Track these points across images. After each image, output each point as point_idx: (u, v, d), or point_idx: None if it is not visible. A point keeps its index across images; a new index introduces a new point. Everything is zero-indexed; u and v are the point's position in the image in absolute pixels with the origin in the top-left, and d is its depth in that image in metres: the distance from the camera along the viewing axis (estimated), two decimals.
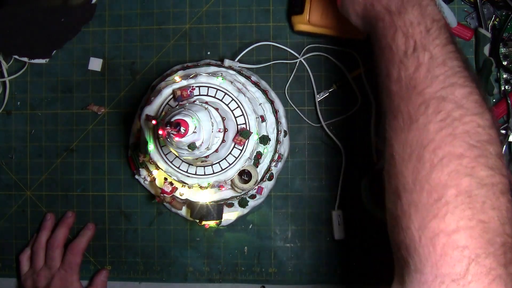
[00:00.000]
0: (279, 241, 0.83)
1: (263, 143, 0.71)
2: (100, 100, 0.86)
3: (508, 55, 0.80)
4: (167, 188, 0.71)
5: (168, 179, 0.71)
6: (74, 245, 0.81)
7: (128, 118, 0.84)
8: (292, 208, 0.83)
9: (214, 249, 0.84)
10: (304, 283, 0.83)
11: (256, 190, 0.77)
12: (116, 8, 0.85)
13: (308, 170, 0.83)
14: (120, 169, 0.85)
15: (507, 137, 0.79)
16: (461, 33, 0.80)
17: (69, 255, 0.81)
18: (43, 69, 0.86)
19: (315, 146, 0.83)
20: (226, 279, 0.84)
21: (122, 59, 0.85)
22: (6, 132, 0.86)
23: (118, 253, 0.85)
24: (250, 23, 0.84)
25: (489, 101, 0.81)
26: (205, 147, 0.60)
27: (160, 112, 0.68)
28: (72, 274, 0.80)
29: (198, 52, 0.84)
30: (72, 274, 0.80)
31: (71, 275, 0.80)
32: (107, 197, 0.85)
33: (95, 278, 0.83)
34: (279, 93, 0.82)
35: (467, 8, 0.82)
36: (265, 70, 0.83)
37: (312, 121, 0.83)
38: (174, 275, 0.84)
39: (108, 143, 0.85)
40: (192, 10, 0.85)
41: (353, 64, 0.82)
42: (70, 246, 0.82)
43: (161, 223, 0.84)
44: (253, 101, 0.72)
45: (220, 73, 0.73)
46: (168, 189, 0.71)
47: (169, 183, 0.72)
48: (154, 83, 0.81)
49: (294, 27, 0.80)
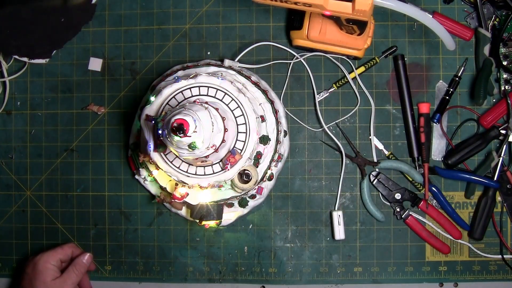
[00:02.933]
0: (279, 241, 0.83)
1: (263, 143, 0.71)
2: (100, 100, 0.86)
3: (508, 55, 0.80)
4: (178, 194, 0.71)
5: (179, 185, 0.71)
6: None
7: (128, 118, 0.84)
8: (292, 208, 0.83)
9: (214, 249, 0.84)
10: (304, 283, 0.83)
11: (256, 190, 0.77)
12: (116, 8, 0.85)
13: (308, 170, 0.83)
14: (120, 169, 0.85)
15: (507, 137, 0.79)
16: (461, 33, 0.80)
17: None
18: (43, 69, 0.86)
19: (315, 146, 0.83)
20: (226, 279, 0.84)
21: (122, 59, 0.85)
22: (6, 132, 0.86)
23: (118, 253, 0.85)
24: (250, 23, 0.84)
25: (489, 101, 0.82)
26: (205, 147, 0.60)
27: (160, 112, 0.68)
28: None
29: (198, 52, 0.84)
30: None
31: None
32: (107, 197, 0.85)
33: (77, 259, 0.80)
34: (279, 93, 0.83)
35: (467, 8, 0.82)
36: (265, 70, 0.83)
37: (312, 121, 0.83)
38: (174, 275, 0.84)
39: (108, 143, 0.85)
40: (192, 10, 0.85)
41: (353, 64, 0.82)
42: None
43: (161, 223, 0.84)
44: (253, 101, 0.72)
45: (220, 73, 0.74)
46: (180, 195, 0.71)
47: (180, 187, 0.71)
48: (154, 83, 0.81)
49: (293, 41, 0.81)
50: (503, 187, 0.80)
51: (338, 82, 0.82)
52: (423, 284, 0.82)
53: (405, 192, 0.81)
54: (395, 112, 0.83)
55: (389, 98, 0.83)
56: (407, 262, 0.82)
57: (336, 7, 0.59)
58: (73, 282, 0.77)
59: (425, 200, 0.81)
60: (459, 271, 0.82)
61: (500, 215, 0.81)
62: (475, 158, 0.81)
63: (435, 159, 0.82)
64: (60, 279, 0.77)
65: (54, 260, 0.78)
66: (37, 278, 0.76)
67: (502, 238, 0.81)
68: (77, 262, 0.79)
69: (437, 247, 0.81)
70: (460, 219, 0.81)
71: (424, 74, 0.82)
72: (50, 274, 0.77)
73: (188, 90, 0.68)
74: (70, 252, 0.81)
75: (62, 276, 0.77)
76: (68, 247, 0.81)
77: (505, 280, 0.82)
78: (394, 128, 0.83)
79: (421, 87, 0.82)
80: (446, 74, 0.82)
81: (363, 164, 0.82)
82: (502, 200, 0.81)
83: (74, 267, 0.78)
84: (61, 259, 0.79)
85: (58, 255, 0.79)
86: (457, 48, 0.82)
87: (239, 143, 0.68)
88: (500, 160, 0.79)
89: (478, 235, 0.80)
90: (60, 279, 0.77)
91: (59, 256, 0.79)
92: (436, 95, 0.82)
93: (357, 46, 0.77)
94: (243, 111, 0.68)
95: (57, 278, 0.77)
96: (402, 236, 0.82)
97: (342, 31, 0.75)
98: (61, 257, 0.79)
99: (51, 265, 0.77)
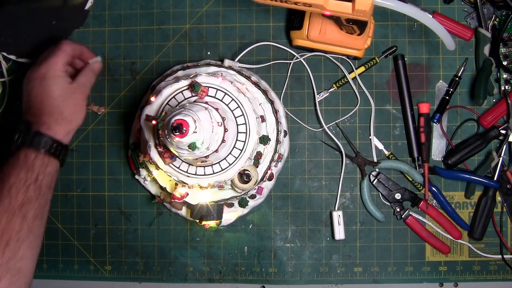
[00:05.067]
0: (279, 241, 0.83)
1: (263, 143, 0.71)
2: (100, 100, 0.85)
3: (508, 55, 0.80)
4: (178, 194, 0.71)
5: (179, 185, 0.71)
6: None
7: (128, 118, 0.84)
8: (292, 208, 0.83)
9: (214, 249, 0.84)
10: (304, 283, 0.83)
11: (256, 190, 0.77)
12: (116, 8, 0.85)
13: (308, 170, 0.83)
14: (120, 169, 0.85)
15: (507, 137, 0.79)
16: (461, 33, 0.80)
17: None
18: None
19: (315, 146, 0.83)
20: (226, 279, 0.84)
21: (122, 59, 0.85)
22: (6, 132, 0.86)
23: (118, 253, 0.85)
24: (250, 23, 0.84)
25: (489, 101, 0.82)
26: (205, 147, 0.61)
27: (160, 112, 0.68)
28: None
29: (198, 52, 0.84)
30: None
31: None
32: (107, 197, 0.85)
33: (88, 64, 0.73)
34: (279, 93, 0.83)
35: (467, 8, 0.82)
36: (265, 70, 0.83)
37: (312, 121, 0.83)
38: (174, 275, 0.84)
39: (108, 143, 0.85)
40: (192, 10, 0.85)
41: (353, 64, 0.82)
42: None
43: (161, 223, 0.84)
44: (253, 101, 0.72)
45: (220, 73, 0.73)
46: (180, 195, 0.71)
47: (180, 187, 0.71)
48: (154, 83, 0.81)
49: (293, 42, 0.81)
50: (503, 187, 0.80)
51: (338, 82, 0.82)
52: (423, 284, 0.82)
53: (405, 192, 0.81)
54: (395, 112, 0.83)
55: (389, 98, 0.83)
56: (407, 262, 0.82)
57: (336, 7, 0.59)
58: (89, 87, 0.71)
59: (425, 200, 0.81)
60: (459, 271, 0.82)
61: (500, 215, 0.81)
62: (475, 158, 0.81)
63: (435, 159, 0.82)
64: (77, 84, 0.69)
65: (61, 61, 0.69)
66: (54, 88, 0.67)
67: (502, 238, 0.81)
68: (90, 66, 0.73)
69: (437, 247, 0.81)
70: (460, 219, 0.81)
71: (424, 74, 0.82)
72: (64, 79, 0.68)
73: (188, 90, 0.68)
74: (70, 50, 0.72)
75: (78, 81, 0.69)
76: (66, 45, 0.71)
77: (505, 280, 0.82)
78: (394, 128, 0.83)
79: (421, 87, 0.82)
80: (446, 74, 0.82)
81: (363, 164, 0.82)
82: (502, 200, 0.81)
83: (88, 70, 0.71)
84: (67, 58, 0.71)
85: (62, 55, 0.70)
86: (457, 48, 0.82)
87: (239, 143, 0.68)
88: (500, 160, 0.79)
89: (478, 235, 0.80)
90: (77, 84, 0.69)
91: (64, 56, 0.70)
92: (436, 95, 0.82)
93: (357, 46, 0.77)
94: (243, 111, 0.68)
95: (71, 83, 0.69)
96: (402, 236, 0.82)
97: (342, 31, 0.75)
98: (66, 55, 0.70)
99: (61, 68, 0.69)
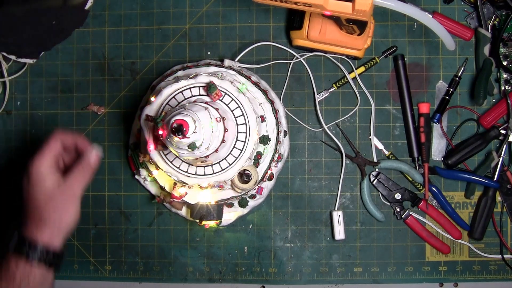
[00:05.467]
0: (279, 241, 0.83)
1: (263, 143, 0.71)
2: (100, 100, 0.85)
3: (508, 55, 0.80)
4: (177, 193, 0.71)
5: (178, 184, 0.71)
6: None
7: (128, 118, 0.84)
8: (292, 208, 0.83)
9: (214, 249, 0.84)
10: (304, 283, 0.83)
11: (256, 190, 0.77)
12: (116, 8, 0.85)
13: (308, 170, 0.83)
14: (120, 169, 0.85)
15: (507, 137, 0.79)
16: (461, 33, 0.80)
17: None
18: (43, 69, 0.86)
19: (315, 146, 0.83)
20: (226, 279, 0.84)
21: (122, 59, 0.85)
22: (6, 132, 0.86)
23: (118, 253, 0.85)
24: (250, 23, 0.84)
25: (489, 101, 0.82)
26: (205, 147, 0.60)
27: (160, 112, 0.68)
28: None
29: (198, 52, 0.84)
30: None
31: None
32: (107, 197, 0.85)
33: (82, 158, 0.64)
34: (279, 93, 0.83)
35: (467, 8, 0.82)
36: (265, 70, 0.83)
37: (312, 121, 0.83)
38: (174, 275, 0.84)
39: (108, 143, 0.85)
40: (192, 10, 0.85)
41: (353, 64, 0.82)
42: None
43: (161, 223, 0.84)
44: (253, 101, 0.72)
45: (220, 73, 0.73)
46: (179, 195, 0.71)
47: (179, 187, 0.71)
48: (154, 83, 0.81)
49: (293, 42, 0.81)
50: (503, 187, 0.80)
51: (338, 82, 0.82)
52: (423, 284, 0.82)
53: (405, 192, 0.81)
54: (395, 112, 0.83)
55: (389, 98, 0.83)
56: (407, 262, 0.82)
57: (336, 7, 0.59)
58: (82, 187, 0.62)
59: (425, 200, 0.81)
60: (459, 271, 0.82)
61: (500, 215, 0.81)
62: (475, 158, 0.81)
63: (435, 159, 0.82)
64: (65, 185, 0.61)
65: (45, 161, 0.62)
66: (36, 190, 0.60)
67: (502, 238, 0.81)
68: (84, 162, 0.64)
69: (437, 247, 0.81)
70: (460, 219, 0.81)
71: (424, 74, 0.82)
72: (49, 180, 0.61)
73: (188, 90, 0.68)
74: (59, 145, 0.64)
75: (66, 181, 0.62)
76: (54, 141, 0.64)
77: (505, 280, 0.82)
78: (394, 128, 0.83)
79: (421, 87, 0.82)
80: (446, 74, 0.82)
81: (363, 164, 0.82)
82: (502, 200, 0.81)
83: (81, 167, 0.63)
84: (55, 156, 0.63)
85: (48, 153, 0.62)
86: (457, 48, 0.82)
87: (239, 143, 0.68)
88: (500, 160, 0.79)
89: (478, 235, 0.80)
90: (65, 185, 0.61)
91: (50, 154, 0.63)
92: (436, 95, 0.82)
93: (357, 46, 0.77)
94: (243, 111, 0.68)
95: (60, 185, 0.61)
96: (402, 236, 0.82)
97: (342, 31, 0.75)
98: (53, 153, 0.63)
99: (46, 169, 0.61)
